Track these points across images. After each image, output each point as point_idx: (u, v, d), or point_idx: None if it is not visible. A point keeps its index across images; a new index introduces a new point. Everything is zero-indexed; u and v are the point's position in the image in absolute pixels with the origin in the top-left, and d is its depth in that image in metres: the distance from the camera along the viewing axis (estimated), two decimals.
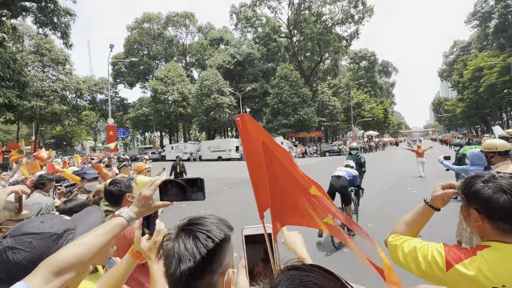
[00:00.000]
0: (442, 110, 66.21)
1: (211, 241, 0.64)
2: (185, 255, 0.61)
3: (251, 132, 0.74)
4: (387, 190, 8.58)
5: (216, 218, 0.72)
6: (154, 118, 41.21)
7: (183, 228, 0.68)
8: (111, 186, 1.75)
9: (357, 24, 42.52)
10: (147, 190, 0.88)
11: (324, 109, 42.97)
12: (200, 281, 0.62)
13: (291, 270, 0.36)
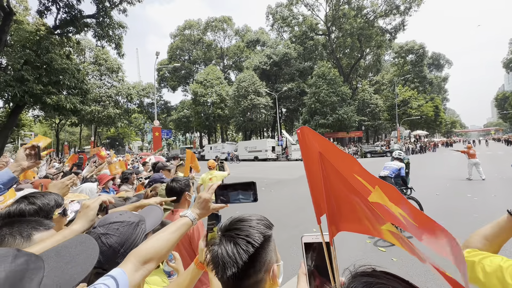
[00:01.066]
0: (508, 105, 57.70)
1: (251, 246, 0.67)
2: (228, 261, 0.65)
3: (312, 143, 0.79)
4: (441, 197, 7.74)
5: (256, 219, 0.74)
6: (194, 119, 43.42)
7: (225, 233, 0.71)
8: (173, 183, 1.92)
9: (402, 15, 39.33)
10: (206, 193, 0.99)
11: (365, 107, 40.63)
12: (247, 281, 0.66)
13: (364, 277, 0.34)
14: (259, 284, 0.68)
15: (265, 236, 0.70)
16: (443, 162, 18.41)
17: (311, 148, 0.79)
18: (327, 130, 34.00)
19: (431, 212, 6.29)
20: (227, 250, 0.66)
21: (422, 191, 8.52)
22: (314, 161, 0.79)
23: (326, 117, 33.50)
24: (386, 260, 3.79)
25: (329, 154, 0.78)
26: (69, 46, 21.78)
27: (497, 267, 0.80)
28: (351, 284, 0.33)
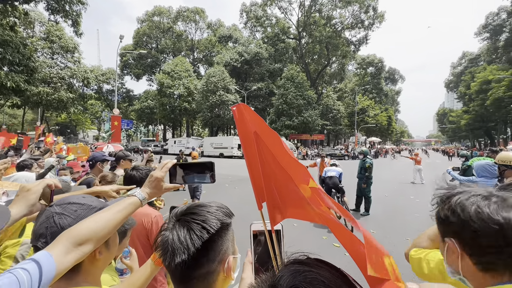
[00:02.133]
0: (446, 121, 65.95)
1: (206, 232, 0.61)
2: (178, 247, 0.59)
3: (247, 122, 0.72)
4: (389, 198, 8.61)
5: (215, 205, 0.69)
6: (159, 111, 41.40)
7: (179, 218, 0.65)
8: (133, 171, 1.83)
9: (366, 30, 42.44)
10: (159, 172, 0.90)
11: (328, 112, 42.93)
12: (198, 270, 0.61)
13: (295, 265, 0.33)
14: (211, 275, 0.63)
15: (223, 224, 0.65)
16: (392, 167, 20.44)
17: (248, 128, 0.72)
18: (292, 131, 35.18)
19: (381, 212, 6.98)
20: (179, 235, 0.61)
21: (374, 192, 9.36)
22: (251, 142, 0.72)
23: (292, 119, 34.64)
24: (339, 255, 4.11)
25: (264, 135, 0.71)
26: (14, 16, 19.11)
27: (438, 260, 0.87)
28: (280, 272, 0.33)
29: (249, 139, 0.72)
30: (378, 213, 6.78)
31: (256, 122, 0.69)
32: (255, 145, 0.70)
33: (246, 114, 0.71)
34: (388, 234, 5.20)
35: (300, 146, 35.67)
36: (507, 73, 32.46)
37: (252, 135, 0.70)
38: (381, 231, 5.35)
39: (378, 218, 6.36)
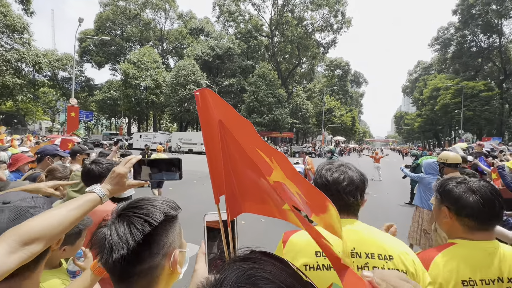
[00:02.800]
0: (402, 123, 72.03)
1: (148, 225, 0.58)
2: (117, 243, 0.55)
3: (212, 109, 0.66)
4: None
5: (162, 199, 0.66)
6: (123, 103, 38.92)
7: (120, 213, 0.62)
8: (92, 165, 1.70)
9: (335, 33, 44.35)
10: (122, 167, 0.85)
11: (297, 111, 44.19)
12: (139, 265, 0.58)
13: (238, 262, 0.32)
14: (154, 270, 0.60)
15: (167, 216, 0.63)
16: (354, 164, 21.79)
17: (212, 115, 0.67)
18: (263, 128, 35.63)
19: None
20: (118, 230, 0.57)
21: None
22: (214, 131, 0.67)
23: (263, 116, 35.06)
24: None
25: (230, 123, 0.66)
26: None
27: None
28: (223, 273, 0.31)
29: (211, 127, 0.66)
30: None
31: (223, 110, 0.63)
32: (218, 135, 0.65)
33: (211, 100, 0.64)
34: None
35: (271, 143, 36.29)
36: (453, 82, 36.45)
37: (216, 124, 0.64)
38: None
39: None
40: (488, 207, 0.94)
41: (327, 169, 1.04)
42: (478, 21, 36.94)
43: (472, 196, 0.96)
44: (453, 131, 44.21)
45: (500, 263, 0.91)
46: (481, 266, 0.91)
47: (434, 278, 0.91)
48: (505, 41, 37.44)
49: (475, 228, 0.97)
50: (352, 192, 0.99)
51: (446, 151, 3.83)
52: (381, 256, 0.88)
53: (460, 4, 37.98)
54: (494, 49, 38.57)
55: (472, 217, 0.96)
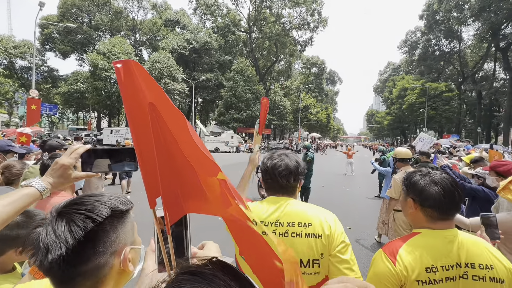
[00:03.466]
0: (373, 121, 75.86)
1: (91, 221, 0.53)
2: (53, 242, 0.50)
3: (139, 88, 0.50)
4: (325, 188, 9.58)
5: (111, 195, 0.60)
6: (92, 96, 36.56)
7: (60, 211, 0.55)
8: (50, 161, 1.60)
9: (312, 32, 45.25)
10: (66, 158, 0.77)
11: (275, 108, 44.63)
12: (83, 266, 0.52)
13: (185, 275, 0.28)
14: (101, 270, 0.54)
15: (115, 211, 0.57)
16: (329, 160, 22.65)
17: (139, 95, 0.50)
18: (241, 125, 35.57)
19: (318, 200, 7.73)
20: (55, 229, 0.51)
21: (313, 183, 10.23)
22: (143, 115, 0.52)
23: (241, 112, 34.96)
24: None
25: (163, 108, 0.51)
26: None
27: None
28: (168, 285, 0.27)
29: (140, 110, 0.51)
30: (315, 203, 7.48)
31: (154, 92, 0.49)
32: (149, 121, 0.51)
33: (139, 76, 0.48)
34: None
35: (248, 139, 36.35)
36: (419, 83, 39.03)
37: (145, 107, 0.50)
38: None
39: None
40: (448, 198, 1.01)
41: (269, 157, 1.26)
42: (441, 26, 39.79)
43: (434, 188, 1.03)
44: (418, 128, 47.40)
45: (459, 250, 0.99)
46: (442, 253, 0.98)
47: (402, 267, 0.96)
48: (464, 46, 40.80)
49: (436, 218, 1.03)
50: (286, 176, 1.19)
51: (398, 147, 4.21)
52: (301, 224, 1.10)
53: (426, 10, 40.61)
54: (454, 53, 41.88)
55: (434, 208, 1.02)
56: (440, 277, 0.94)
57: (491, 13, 29.06)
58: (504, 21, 29.57)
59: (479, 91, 36.29)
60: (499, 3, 27.73)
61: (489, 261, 0.98)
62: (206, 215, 0.58)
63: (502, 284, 0.96)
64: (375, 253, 1.07)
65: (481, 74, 40.07)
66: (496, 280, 0.95)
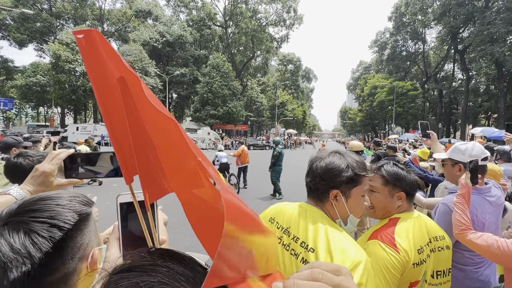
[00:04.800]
0: (346, 117, 78.87)
1: (57, 230, 0.47)
2: (13, 259, 0.43)
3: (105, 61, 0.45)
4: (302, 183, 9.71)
5: (68, 196, 0.55)
6: (54, 90, 33.75)
7: (7, 221, 0.47)
8: (20, 159, 1.43)
9: (288, 29, 45.64)
10: (46, 164, 0.72)
11: (252, 104, 44.59)
12: (50, 276, 0.47)
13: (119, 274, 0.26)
14: (70, 277, 0.51)
15: (81, 215, 0.53)
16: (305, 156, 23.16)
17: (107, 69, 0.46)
18: (217, 121, 35.03)
19: (297, 196, 7.82)
20: (12, 243, 0.44)
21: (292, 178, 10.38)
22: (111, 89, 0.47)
23: (217, 109, 34.40)
24: None
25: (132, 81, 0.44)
26: None
27: None
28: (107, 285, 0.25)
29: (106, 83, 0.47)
30: (293, 197, 7.56)
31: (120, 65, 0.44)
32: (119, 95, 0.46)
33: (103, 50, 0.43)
34: None
35: (225, 136, 35.96)
36: (388, 82, 41.18)
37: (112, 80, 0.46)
38: None
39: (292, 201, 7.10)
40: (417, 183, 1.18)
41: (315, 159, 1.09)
42: (407, 28, 42.20)
43: (412, 175, 1.17)
44: (387, 125, 50.21)
45: (426, 227, 1.10)
46: (421, 233, 1.07)
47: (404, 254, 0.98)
48: (427, 48, 43.69)
49: (412, 201, 1.17)
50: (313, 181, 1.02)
51: (352, 141, 4.53)
52: (304, 245, 0.85)
53: (394, 12, 42.79)
54: (419, 54, 44.70)
55: (413, 193, 1.15)
56: (425, 257, 1.03)
57: (451, 17, 31.35)
58: (462, 26, 32.09)
59: (440, 90, 39.17)
60: (457, 9, 29.97)
61: (440, 232, 1.13)
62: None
63: (449, 249, 1.13)
64: (368, 245, 1.05)
65: (442, 74, 43.26)
66: (448, 248, 1.11)
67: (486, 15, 27.28)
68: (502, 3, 26.57)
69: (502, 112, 27.31)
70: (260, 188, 8.44)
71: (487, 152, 1.53)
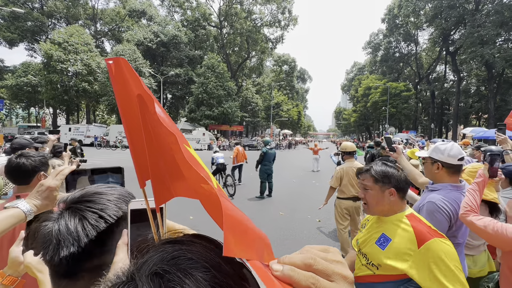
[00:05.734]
0: (341, 118, 79.48)
1: (103, 222, 0.54)
2: (66, 238, 0.50)
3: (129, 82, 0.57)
4: (296, 183, 9.77)
5: (118, 192, 0.61)
6: (46, 90, 33.22)
7: (70, 206, 0.56)
8: (22, 159, 1.44)
9: (283, 30, 45.80)
10: (52, 180, 0.77)
11: (247, 105, 44.59)
12: (89, 263, 0.53)
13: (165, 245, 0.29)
14: (104, 267, 0.55)
15: (125, 213, 0.58)
16: (300, 156, 23.25)
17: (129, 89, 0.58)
18: (212, 121, 34.93)
19: (290, 194, 7.86)
20: (68, 225, 0.52)
21: (285, 178, 10.42)
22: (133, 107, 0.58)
23: (212, 109, 34.30)
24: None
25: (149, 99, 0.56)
26: None
27: None
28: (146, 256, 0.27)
29: (130, 103, 0.58)
30: (286, 196, 7.60)
31: (139, 85, 0.56)
32: (138, 111, 0.57)
33: (127, 72, 0.56)
34: (294, 213, 5.91)
35: (220, 136, 35.87)
36: (381, 82, 41.66)
37: (134, 98, 0.56)
38: (288, 212, 6.03)
39: (286, 200, 7.14)
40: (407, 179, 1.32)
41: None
42: (400, 30, 42.78)
43: (401, 173, 1.29)
44: (381, 125, 50.78)
45: None
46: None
47: None
48: (420, 49, 44.36)
49: (404, 197, 1.27)
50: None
51: (344, 141, 4.67)
52: None
53: (387, 14, 43.35)
54: (411, 56, 45.35)
55: (403, 188, 1.26)
56: None
57: (442, 19, 31.91)
58: (453, 28, 32.69)
59: (433, 91, 39.80)
60: (449, 11, 30.53)
61: None
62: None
63: None
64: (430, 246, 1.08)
65: (434, 75, 43.97)
66: None
67: (476, 17, 27.86)
68: (491, 6, 27.17)
69: (492, 113, 27.90)
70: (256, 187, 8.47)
71: (463, 152, 1.62)
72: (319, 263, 0.26)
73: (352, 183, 3.94)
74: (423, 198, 1.66)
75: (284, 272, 0.25)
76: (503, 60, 25.12)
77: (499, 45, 27.46)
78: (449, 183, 1.60)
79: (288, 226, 5.11)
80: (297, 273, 0.25)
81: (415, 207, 1.66)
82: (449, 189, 1.58)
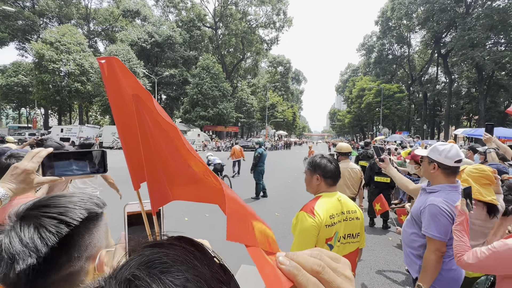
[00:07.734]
0: (335, 119, 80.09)
1: (65, 226, 0.48)
2: (20, 251, 0.44)
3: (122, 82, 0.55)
4: (292, 183, 9.78)
5: (81, 195, 0.56)
6: (37, 90, 32.63)
7: (22, 215, 0.49)
8: (13, 160, 1.39)
9: (278, 31, 45.98)
10: (28, 162, 0.73)
11: (242, 106, 44.57)
12: (55, 274, 0.48)
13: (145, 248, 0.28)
14: (76, 277, 0.50)
15: (90, 213, 0.53)
16: (295, 157, 23.32)
17: (123, 89, 0.56)
18: (207, 122, 34.80)
19: (285, 194, 7.86)
20: (21, 237, 0.46)
21: (280, 179, 10.43)
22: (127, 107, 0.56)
23: (207, 110, 34.18)
24: None
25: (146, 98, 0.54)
26: None
27: None
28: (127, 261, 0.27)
29: (123, 103, 0.55)
30: (281, 197, 7.60)
31: (134, 85, 0.53)
32: (133, 111, 0.54)
33: (120, 72, 0.53)
34: (290, 214, 5.91)
35: (215, 137, 35.75)
36: (375, 84, 42.13)
37: (129, 98, 0.53)
38: (283, 212, 6.03)
39: (281, 201, 7.14)
40: (337, 170, 1.62)
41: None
42: (393, 32, 43.38)
43: (331, 165, 1.60)
44: (375, 126, 51.33)
45: (342, 203, 1.57)
46: (336, 206, 1.54)
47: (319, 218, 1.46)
48: (412, 51, 45.04)
49: (331, 184, 1.61)
50: None
51: (339, 143, 4.76)
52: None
53: (381, 16, 43.92)
54: (404, 58, 46.01)
55: (331, 178, 1.59)
56: (336, 221, 1.50)
57: (434, 22, 32.48)
58: (445, 31, 33.30)
59: (425, 93, 40.43)
60: (440, 15, 31.09)
61: (353, 207, 1.60)
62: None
63: (360, 220, 1.61)
64: (298, 214, 1.55)
65: (427, 77, 44.68)
66: (358, 219, 1.59)
67: (467, 21, 28.43)
68: (481, 10, 27.77)
69: (482, 114, 28.47)
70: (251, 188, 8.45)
71: (462, 154, 1.60)
72: (326, 272, 0.26)
73: (348, 184, 3.95)
74: (423, 200, 1.66)
75: (289, 268, 0.25)
76: (493, 62, 25.67)
77: (488, 47, 28.07)
78: (447, 184, 1.61)
79: (284, 226, 5.11)
80: (302, 275, 0.25)
81: (415, 210, 1.66)
82: (448, 190, 1.58)
